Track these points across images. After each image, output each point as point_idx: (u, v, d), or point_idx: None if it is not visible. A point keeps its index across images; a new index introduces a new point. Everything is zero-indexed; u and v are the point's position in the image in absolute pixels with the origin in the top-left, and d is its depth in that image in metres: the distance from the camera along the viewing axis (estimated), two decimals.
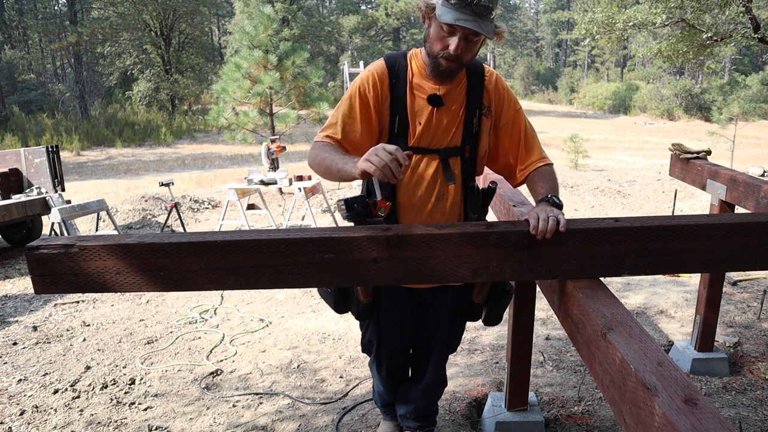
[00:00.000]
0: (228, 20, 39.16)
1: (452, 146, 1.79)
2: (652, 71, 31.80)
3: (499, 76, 1.85)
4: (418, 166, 1.79)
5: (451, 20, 1.54)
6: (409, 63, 1.79)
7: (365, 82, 1.77)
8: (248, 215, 6.74)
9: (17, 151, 6.40)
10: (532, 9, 60.37)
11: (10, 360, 3.49)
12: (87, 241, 1.43)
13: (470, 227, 1.49)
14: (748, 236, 1.50)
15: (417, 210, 1.82)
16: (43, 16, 27.66)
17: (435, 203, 1.82)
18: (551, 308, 1.76)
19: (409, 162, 1.51)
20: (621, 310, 1.33)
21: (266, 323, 3.94)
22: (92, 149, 18.40)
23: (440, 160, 1.78)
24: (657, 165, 11.82)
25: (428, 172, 1.79)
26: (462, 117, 1.77)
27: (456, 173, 1.80)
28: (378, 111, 1.78)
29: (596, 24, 10.43)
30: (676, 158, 3.10)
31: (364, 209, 1.71)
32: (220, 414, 2.74)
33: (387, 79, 1.77)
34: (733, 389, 2.83)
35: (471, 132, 1.79)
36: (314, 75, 9.54)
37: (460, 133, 1.78)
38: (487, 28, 1.58)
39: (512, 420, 2.40)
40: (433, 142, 1.78)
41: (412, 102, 1.76)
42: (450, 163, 1.79)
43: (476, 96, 1.79)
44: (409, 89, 1.76)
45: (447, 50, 1.61)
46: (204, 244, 1.41)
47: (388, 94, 1.77)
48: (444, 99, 1.74)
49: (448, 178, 1.78)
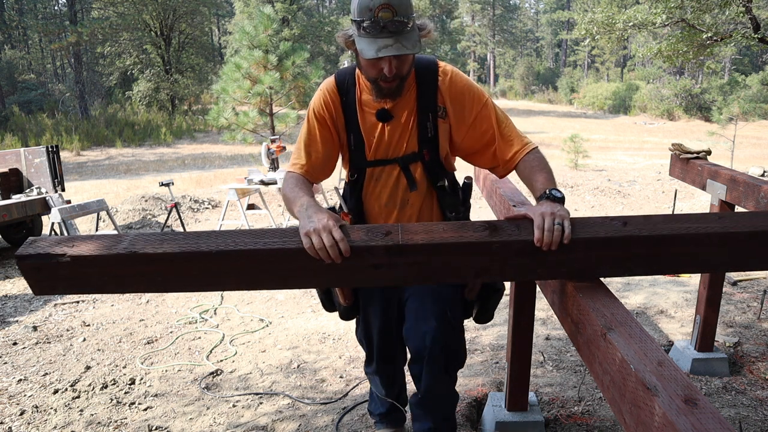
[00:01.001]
0: (228, 20, 39.18)
1: (410, 152, 1.78)
2: (652, 71, 31.80)
3: (455, 73, 1.78)
4: (380, 177, 1.81)
5: (372, 55, 1.53)
6: (357, 80, 1.77)
7: (319, 103, 1.79)
8: (248, 215, 6.74)
9: (17, 151, 6.40)
10: (532, 9, 60.39)
11: (10, 360, 3.49)
12: (78, 246, 1.39)
13: (473, 233, 1.45)
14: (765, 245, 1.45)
15: (384, 219, 1.86)
16: (43, 16, 27.66)
17: (400, 210, 1.83)
18: (551, 308, 1.76)
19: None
20: (621, 310, 1.33)
21: (266, 323, 3.94)
22: (92, 149, 18.41)
23: (400, 169, 1.79)
24: (657, 165, 11.82)
25: (389, 182, 1.81)
26: (414, 124, 1.75)
27: (419, 178, 1.80)
28: (335, 128, 1.80)
29: (596, 24, 10.43)
30: (676, 158, 3.10)
31: None
32: (220, 414, 2.74)
33: (338, 98, 1.78)
34: (733, 389, 2.83)
35: (426, 136, 1.77)
36: (314, 75, 9.55)
37: (414, 139, 1.77)
38: (411, 42, 1.56)
39: (512, 420, 2.40)
40: (390, 153, 1.78)
41: (363, 119, 1.77)
42: (411, 169, 1.79)
43: (428, 100, 1.75)
44: (359, 107, 1.77)
45: (382, 73, 1.60)
46: (201, 255, 1.39)
47: (341, 113, 1.79)
48: (393, 111, 1.73)
49: (410, 185, 1.79)
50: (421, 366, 1.88)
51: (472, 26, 45.91)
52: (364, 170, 1.83)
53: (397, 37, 1.54)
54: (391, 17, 1.52)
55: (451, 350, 1.89)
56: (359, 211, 1.88)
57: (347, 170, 1.90)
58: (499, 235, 1.44)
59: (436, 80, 1.75)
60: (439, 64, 1.78)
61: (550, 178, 1.65)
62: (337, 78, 1.80)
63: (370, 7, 1.52)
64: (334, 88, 1.78)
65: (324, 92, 1.79)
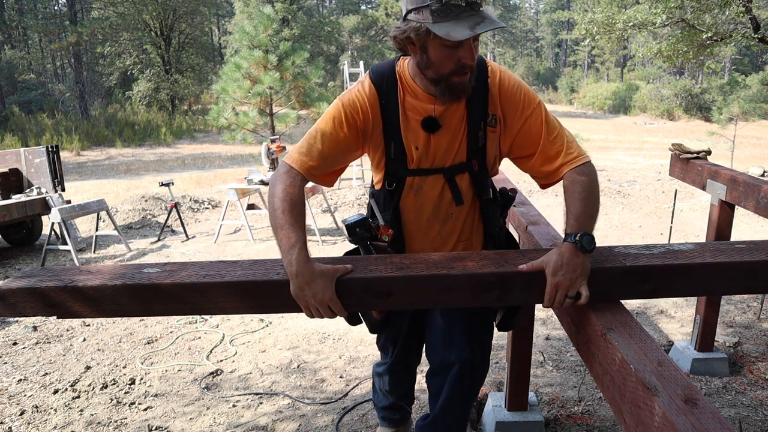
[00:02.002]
0: (228, 20, 39.16)
1: (457, 163, 1.60)
2: (652, 71, 31.80)
3: (505, 74, 1.57)
4: (422, 188, 1.63)
5: (469, 34, 1.32)
6: (399, 80, 1.56)
7: (353, 106, 1.55)
8: (248, 215, 6.74)
9: (17, 151, 6.39)
10: (532, 9, 60.37)
11: (10, 360, 3.49)
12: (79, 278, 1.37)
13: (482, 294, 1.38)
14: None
15: (424, 232, 1.69)
16: (43, 16, 27.66)
17: (442, 224, 1.67)
18: (551, 308, 1.76)
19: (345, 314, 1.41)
20: (621, 310, 1.33)
21: (266, 323, 3.94)
22: (92, 149, 18.40)
23: (445, 180, 1.61)
24: (657, 165, 11.81)
25: (433, 194, 1.63)
26: (464, 133, 1.57)
27: (465, 190, 1.63)
28: (364, 136, 1.59)
29: (596, 24, 10.43)
30: (676, 158, 3.10)
31: (367, 232, 1.63)
32: (220, 414, 2.74)
33: (377, 102, 1.56)
34: (733, 389, 2.83)
35: (476, 146, 1.59)
36: (314, 75, 9.54)
37: (464, 149, 1.59)
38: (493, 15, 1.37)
39: (512, 420, 2.40)
40: (435, 163, 1.60)
41: (406, 125, 1.57)
42: (457, 181, 1.61)
43: (479, 106, 1.55)
44: (402, 112, 1.56)
45: (460, 63, 1.41)
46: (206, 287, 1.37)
47: (379, 120, 1.57)
48: (441, 120, 1.54)
49: (456, 200, 1.62)
50: (443, 381, 1.75)
51: None
52: (403, 179, 1.63)
53: (483, 14, 1.35)
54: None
55: (477, 367, 1.76)
56: (396, 222, 1.68)
57: (380, 176, 1.68)
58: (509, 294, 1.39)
59: (486, 83, 1.55)
60: (487, 63, 1.58)
61: (589, 211, 1.44)
62: (374, 78, 1.57)
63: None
64: (373, 91, 1.56)
65: (360, 94, 1.56)
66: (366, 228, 1.63)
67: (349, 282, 1.37)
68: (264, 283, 1.36)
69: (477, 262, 1.42)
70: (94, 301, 1.36)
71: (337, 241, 6.37)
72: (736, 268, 1.40)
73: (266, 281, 1.36)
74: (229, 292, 1.36)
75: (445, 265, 1.40)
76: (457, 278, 1.36)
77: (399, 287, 1.36)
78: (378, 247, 1.67)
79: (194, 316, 4.08)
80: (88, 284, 1.35)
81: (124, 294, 1.36)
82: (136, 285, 1.36)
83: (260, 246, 6.22)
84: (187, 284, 1.36)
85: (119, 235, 6.13)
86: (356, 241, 1.66)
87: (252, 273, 1.40)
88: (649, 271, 1.38)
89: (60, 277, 1.40)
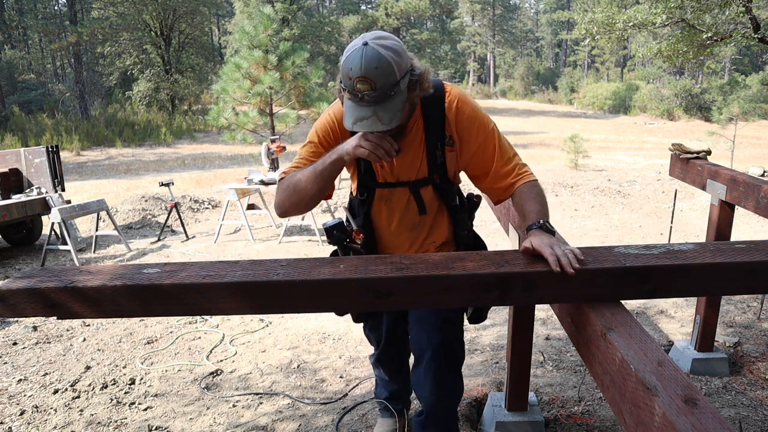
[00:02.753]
0: (228, 20, 39.17)
1: (421, 177, 1.77)
2: (652, 71, 31.81)
3: (461, 99, 1.70)
4: (390, 199, 1.81)
5: (349, 126, 1.52)
6: None
7: (325, 129, 1.75)
8: (248, 215, 6.74)
9: (17, 151, 6.39)
10: (532, 9, 60.38)
11: (10, 360, 3.49)
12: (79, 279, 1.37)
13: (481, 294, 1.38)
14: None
15: (394, 237, 1.86)
16: (43, 16, 27.66)
17: (410, 231, 1.84)
18: (551, 308, 1.76)
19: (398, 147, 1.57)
20: (621, 310, 1.33)
21: (266, 323, 3.94)
22: (92, 149, 18.40)
23: (411, 192, 1.78)
24: (657, 165, 11.82)
25: (400, 204, 1.80)
26: (423, 154, 1.73)
27: (429, 200, 1.80)
28: None
29: (596, 24, 10.43)
30: (676, 158, 3.10)
31: (343, 235, 1.82)
32: (220, 414, 2.74)
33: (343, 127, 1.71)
34: (733, 389, 2.83)
35: (436, 163, 1.74)
36: (314, 75, 9.54)
37: (425, 166, 1.75)
38: (389, 114, 1.49)
39: (512, 420, 2.40)
40: (401, 178, 1.77)
41: None
42: (422, 193, 1.78)
43: (436, 129, 1.70)
44: None
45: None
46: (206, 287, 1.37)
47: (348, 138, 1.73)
48: (401, 145, 1.68)
49: (420, 210, 1.79)
50: (421, 368, 1.87)
51: (472, 26, 45.93)
52: (373, 190, 1.82)
53: (375, 109, 1.48)
54: (369, 90, 1.45)
55: (452, 348, 1.88)
56: (369, 229, 1.86)
57: (355, 186, 1.88)
58: (509, 294, 1.39)
59: (443, 110, 1.69)
60: (445, 89, 1.71)
61: (543, 210, 1.59)
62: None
63: (350, 77, 1.46)
64: (340, 117, 1.70)
65: (331, 119, 1.74)
66: (342, 231, 1.82)
67: (348, 282, 1.37)
68: (264, 284, 1.36)
69: (477, 263, 1.42)
70: (94, 301, 1.36)
71: None
72: (736, 268, 1.40)
73: (266, 281, 1.36)
74: (229, 293, 1.36)
75: (445, 266, 1.40)
76: (457, 278, 1.36)
77: (399, 287, 1.36)
78: (353, 248, 1.86)
79: (194, 316, 4.08)
80: (88, 285, 1.35)
81: (124, 294, 1.36)
82: (136, 285, 1.36)
83: (260, 246, 6.22)
84: (187, 285, 1.36)
85: (119, 235, 6.13)
86: (334, 242, 1.85)
87: (252, 273, 1.40)
88: (649, 271, 1.37)
89: (60, 277, 1.40)
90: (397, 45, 1.49)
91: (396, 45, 1.49)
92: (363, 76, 1.43)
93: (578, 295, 1.39)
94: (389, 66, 1.45)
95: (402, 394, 2.38)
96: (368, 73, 1.43)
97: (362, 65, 1.43)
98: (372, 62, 1.43)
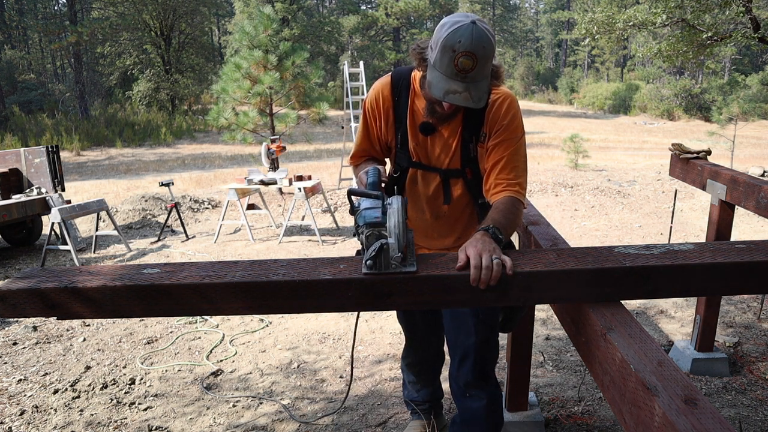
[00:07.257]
0: (228, 20, 39.18)
1: (453, 168, 1.78)
2: (652, 71, 31.80)
3: (507, 101, 1.70)
4: (420, 181, 1.83)
5: (439, 96, 1.51)
6: (412, 83, 1.77)
7: (372, 99, 1.83)
8: (248, 215, 6.74)
9: (17, 151, 6.39)
10: (532, 9, 60.36)
11: (10, 360, 3.49)
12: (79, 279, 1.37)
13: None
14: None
15: (420, 220, 1.87)
16: (43, 16, 27.68)
17: (435, 219, 1.85)
18: (551, 308, 1.76)
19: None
20: (621, 310, 1.33)
21: (266, 323, 3.94)
22: (92, 149, 18.40)
23: (441, 179, 1.80)
24: (657, 165, 11.81)
25: (428, 190, 1.82)
26: (457, 144, 1.74)
27: (459, 193, 1.80)
28: (386, 124, 1.84)
29: (596, 24, 10.42)
30: (676, 158, 3.10)
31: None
32: (220, 414, 2.74)
33: (390, 99, 1.80)
34: (733, 389, 2.83)
35: (469, 156, 1.75)
36: (314, 75, 9.53)
37: (457, 158, 1.76)
38: (479, 94, 1.51)
39: (512, 420, 2.40)
40: (432, 162, 1.79)
41: (411, 123, 1.78)
42: (451, 183, 1.80)
43: (474, 125, 1.72)
44: (410, 110, 1.78)
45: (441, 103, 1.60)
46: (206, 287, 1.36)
47: (391, 113, 1.81)
48: (437, 126, 1.72)
49: (445, 198, 1.80)
50: (456, 369, 1.89)
51: None
52: (406, 169, 1.84)
53: (468, 86, 1.49)
54: (471, 66, 1.46)
55: (489, 352, 1.88)
56: None
57: (392, 165, 1.93)
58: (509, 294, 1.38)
59: (486, 106, 1.70)
60: (494, 92, 1.70)
61: (505, 223, 1.54)
62: (393, 78, 1.81)
63: (454, 48, 1.45)
64: (389, 89, 1.80)
65: (378, 91, 1.82)
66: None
67: (348, 282, 1.36)
68: (264, 284, 1.36)
69: None
70: (94, 302, 1.36)
71: (337, 241, 6.37)
72: (736, 268, 1.40)
73: (266, 281, 1.36)
74: (229, 293, 1.36)
75: (445, 266, 1.40)
76: (457, 279, 1.36)
77: (399, 287, 1.36)
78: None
79: (194, 317, 4.08)
80: (88, 285, 1.35)
81: (124, 295, 1.36)
82: (136, 286, 1.35)
83: (260, 246, 6.22)
84: (187, 285, 1.36)
85: (119, 235, 6.13)
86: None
87: (252, 273, 1.40)
88: (649, 271, 1.37)
89: (60, 277, 1.40)
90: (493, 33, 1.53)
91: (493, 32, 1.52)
92: (470, 51, 1.45)
93: (578, 295, 1.39)
94: (493, 49, 1.49)
95: (430, 396, 2.38)
96: (476, 50, 1.45)
97: (472, 41, 1.44)
98: (482, 41, 1.45)
